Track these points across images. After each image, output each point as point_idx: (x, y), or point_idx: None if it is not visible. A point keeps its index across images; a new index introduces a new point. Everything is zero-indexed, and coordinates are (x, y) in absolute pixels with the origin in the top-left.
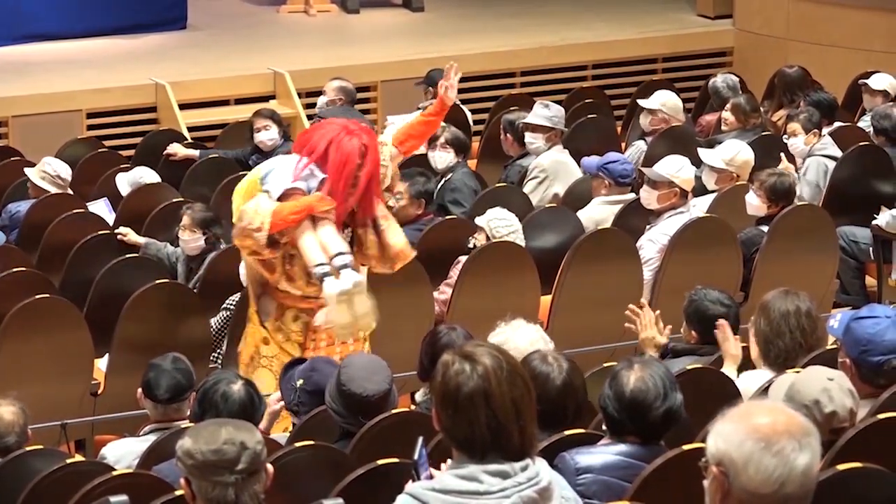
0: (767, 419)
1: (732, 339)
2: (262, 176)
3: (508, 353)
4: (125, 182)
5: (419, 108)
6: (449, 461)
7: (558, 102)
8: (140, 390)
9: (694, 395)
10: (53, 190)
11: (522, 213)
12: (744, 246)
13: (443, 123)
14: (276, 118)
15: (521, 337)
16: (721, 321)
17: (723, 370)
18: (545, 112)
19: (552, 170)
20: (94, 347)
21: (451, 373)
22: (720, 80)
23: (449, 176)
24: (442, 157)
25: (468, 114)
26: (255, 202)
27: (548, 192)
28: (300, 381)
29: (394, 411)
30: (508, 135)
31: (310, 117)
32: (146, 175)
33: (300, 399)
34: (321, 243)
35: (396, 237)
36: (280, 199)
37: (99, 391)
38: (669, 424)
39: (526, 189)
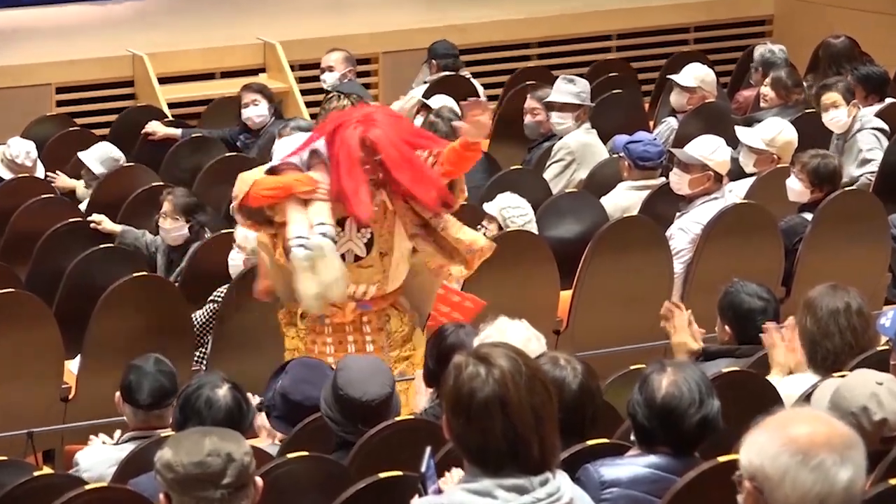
0: (805, 429)
1: (781, 344)
2: (272, 152)
3: (528, 356)
4: (94, 160)
5: (425, 83)
6: (455, 471)
7: (579, 77)
8: (119, 394)
9: (730, 401)
10: (8, 175)
11: (539, 200)
12: (785, 236)
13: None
14: (267, 93)
15: (511, 337)
16: (769, 324)
17: (769, 378)
18: (571, 87)
19: (580, 152)
20: (64, 347)
21: (463, 377)
22: (764, 50)
23: None
24: None
25: (480, 89)
26: (249, 172)
27: (574, 177)
28: (279, 382)
29: (397, 418)
30: (552, 113)
31: (304, 92)
32: (113, 151)
33: (273, 401)
34: (309, 217)
35: (462, 232)
36: (271, 172)
37: (69, 396)
38: (705, 434)
39: (548, 174)
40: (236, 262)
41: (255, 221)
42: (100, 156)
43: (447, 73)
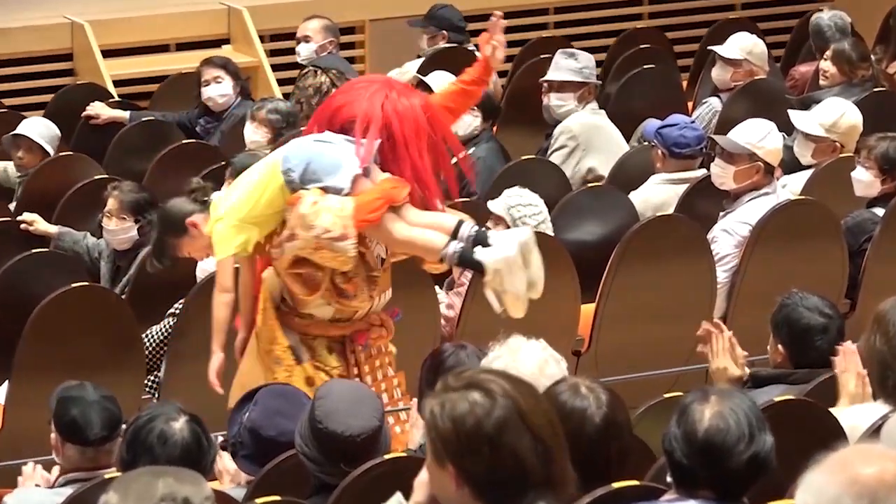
0: (872, 469)
1: (856, 370)
2: (292, 167)
3: (509, 373)
4: (42, 138)
5: (419, 56)
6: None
7: (604, 49)
8: (54, 436)
9: (784, 436)
10: None
11: (557, 196)
12: (850, 235)
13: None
14: (231, 69)
15: (525, 359)
16: (845, 345)
17: (833, 410)
18: (572, 63)
19: (584, 136)
20: None
21: (460, 411)
22: (825, 17)
23: (471, 150)
24: (465, 122)
25: None
26: (321, 203)
27: (580, 165)
28: (247, 415)
29: (386, 456)
30: (550, 95)
31: (275, 67)
32: (56, 130)
33: (240, 438)
34: (424, 225)
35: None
36: (350, 192)
37: None
38: (755, 475)
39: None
40: (209, 272)
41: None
42: (45, 133)
43: (448, 45)
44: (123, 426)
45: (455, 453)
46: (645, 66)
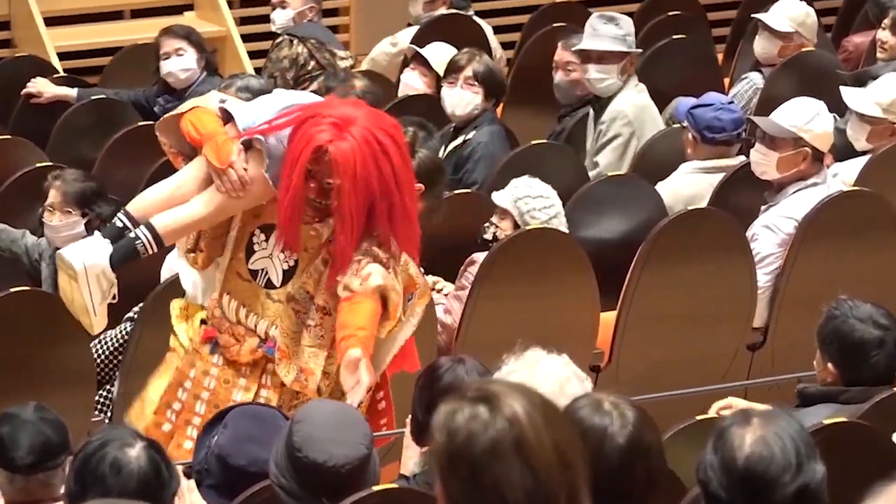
0: None
1: None
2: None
3: (539, 393)
4: None
5: (410, 25)
6: None
7: (626, 15)
8: None
9: (836, 464)
10: None
11: (572, 188)
12: None
13: (469, 49)
14: (194, 39)
15: (544, 376)
16: None
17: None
18: (612, 29)
19: (639, 120)
20: None
21: (457, 422)
22: None
23: (471, 134)
24: (463, 98)
25: (489, 33)
26: (218, 94)
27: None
28: (215, 439)
29: (375, 488)
30: (588, 66)
31: (245, 38)
32: None
33: (206, 464)
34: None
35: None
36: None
37: None
38: None
39: (603, 160)
40: (177, 271)
41: (170, 149)
42: None
43: (448, 11)
44: (70, 456)
45: (441, 468)
46: (675, 37)
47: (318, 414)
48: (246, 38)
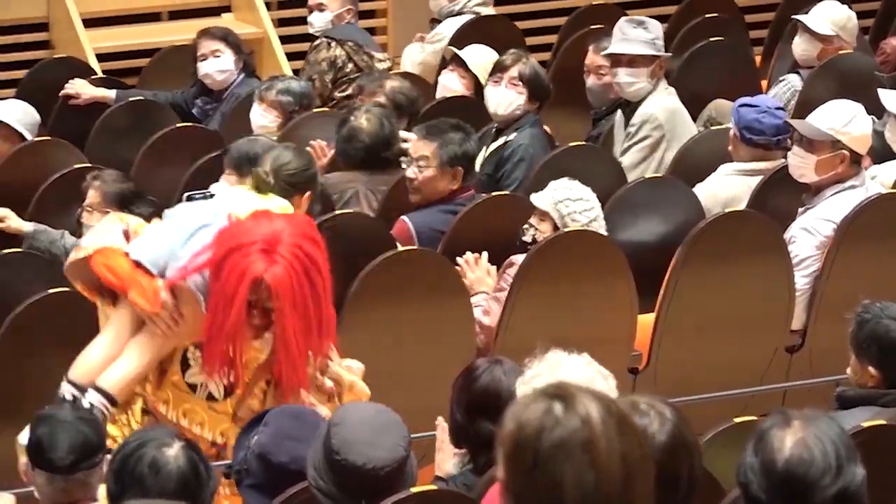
0: None
1: None
2: (168, 211)
3: (617, 401)
4: (19, 123)
5: (433, 21)
6: None
7: (663, 19)
8: (24, 459)
9: (876, 467)
10: None
11: (610, 190)
12: None
13: (517, 50)
14: (232, 40)
15: (568, 377)
16: None
17: None
18: (642, 34)
19: (669, 124)
20: None
21: (529, 414)
22: None
23: (512, 136)
24: (507, 98)
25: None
26: (119, 223)
27: (665, 160)
28: (255, 438)
29: (413, 490)
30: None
31: (284, 39)
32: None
33: (246, 465)
34: (119, 354)
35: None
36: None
37: None
38: None
39: (627, 161)
40: None
41: (84, 286)
42: (24, 118)
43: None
44: (107, 454)
45: (505, 456)
46: (712, 39)
47: (356, 416)
48: (284, 39)
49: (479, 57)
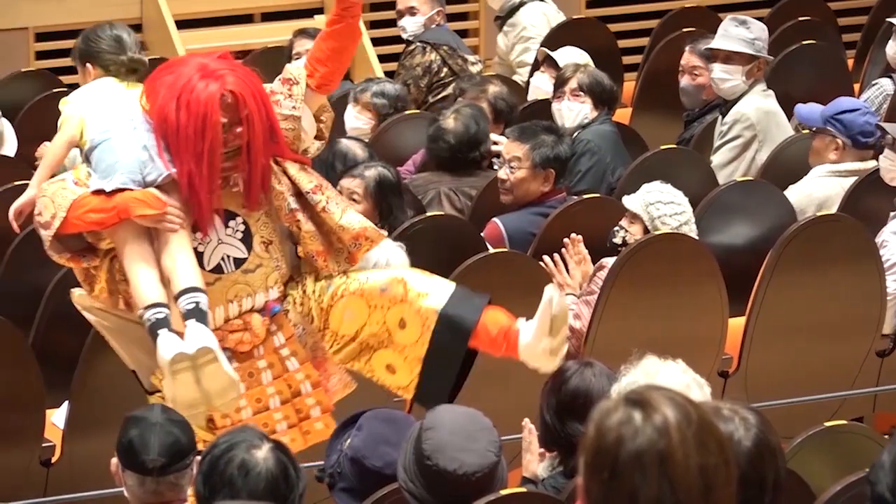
0: None
1: None
2: (91, 140)
3: (700, 405)
4: None
5: (497, 18)
6: None
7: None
8: (115, 460)
9: None
10: None
11: (701, 193)
12: None
13: (579, 61)
14: None
15: (664, 384)
16: None
17: None
18: (743, 32)
19: (762, 125)
20: (44, 392)
21: (610, 422)
22: None
23: (579, 133)
24: (572, 111)
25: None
26: (58, 183)
27: (756, 161)
28: (347, 442)
29: (503, 492)
30: (714, 66)
31: (376, 42)
32: None
33: (340, 468)
34: (165, 269)
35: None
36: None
37: (53, 458)
38: None
39: (717, 160)
40: None
41: (73, 255)
42: None
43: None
44: (197, 455)
45: (586, 464)
46: (805, 43)
47: (448, 421)
48: (376, 41)
49: (572, 58)
